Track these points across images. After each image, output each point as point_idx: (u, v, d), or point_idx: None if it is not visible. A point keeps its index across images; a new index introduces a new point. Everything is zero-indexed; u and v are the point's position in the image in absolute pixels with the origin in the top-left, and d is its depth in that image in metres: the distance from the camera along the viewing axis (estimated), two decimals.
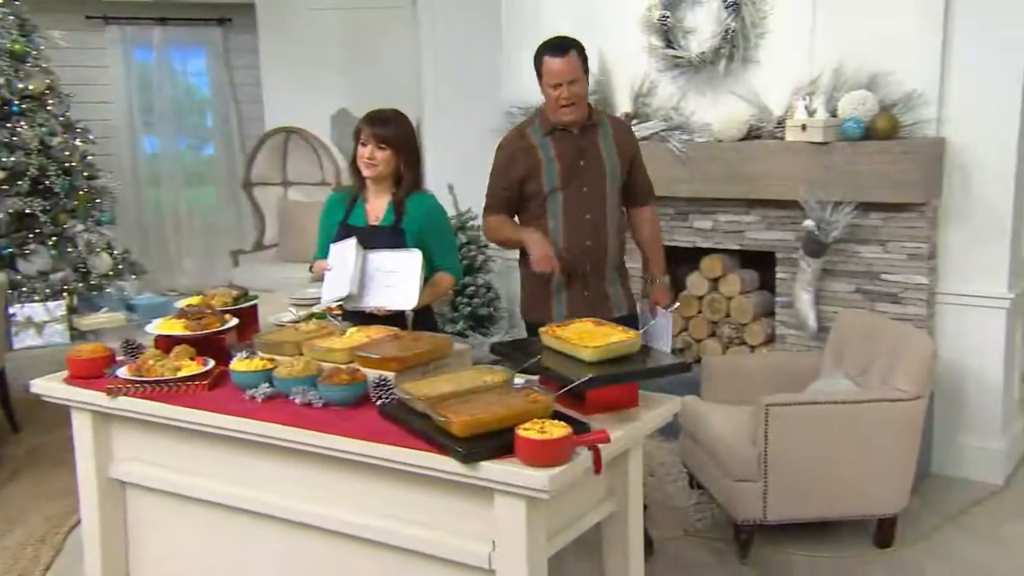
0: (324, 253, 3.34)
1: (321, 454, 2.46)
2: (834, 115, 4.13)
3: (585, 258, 3.40)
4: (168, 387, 2.73)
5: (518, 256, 3.58)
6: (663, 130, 4.55)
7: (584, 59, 3.33)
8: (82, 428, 2.91)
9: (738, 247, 4.56)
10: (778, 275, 4.46)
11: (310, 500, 2.54)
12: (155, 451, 2.83)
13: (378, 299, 3.10)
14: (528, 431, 2.16)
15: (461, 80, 5.77)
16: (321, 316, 3.53)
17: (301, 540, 2.59)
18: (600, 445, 2.22)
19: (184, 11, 8.58)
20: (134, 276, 6.49)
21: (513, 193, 3.46)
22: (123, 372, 2.81)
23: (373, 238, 3.19)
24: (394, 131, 3.22)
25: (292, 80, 7.75)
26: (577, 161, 3.37)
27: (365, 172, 3.23)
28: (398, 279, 3.09)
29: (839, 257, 4.25)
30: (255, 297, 3.31)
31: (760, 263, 4.67)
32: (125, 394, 2.75)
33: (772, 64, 4.39)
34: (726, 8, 4.40)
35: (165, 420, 2.69)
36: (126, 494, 2.97)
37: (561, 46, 3.32)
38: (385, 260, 3.14)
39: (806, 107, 4.16)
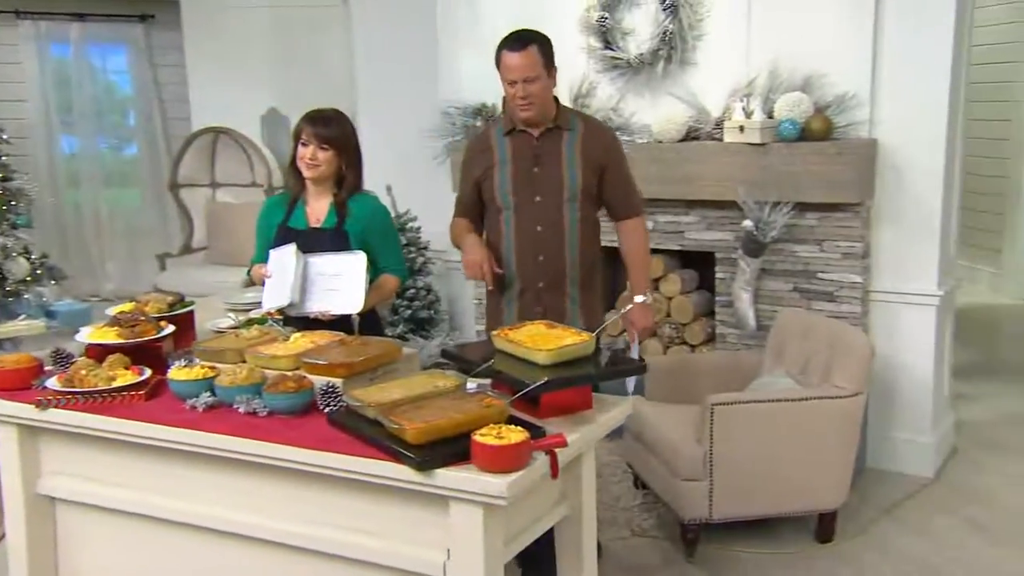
0: (262, 258, 3.25)
1: (268, 464, 2.38)
2: (770, 117, 4.18)
3: (538, 273, 3.19)
4: (102, 398, 2.62)
5: None
6: None
7: (547, 55, 3.12)
8: (7, 442, 2.78)
9: (678, 247, 4.58)
10: (717, 275, 4.49)
11: (256, 512, 2.47)
12: (88, 465, 2.72)
13: (322, 303, 3.03)
14: (485, 437, 2.12)
15: (397, 79, 5.69)
16: (261, 321, 3.43)
17: (247, 554, 2.51)
18: (556, 449, 2.20)
19: (103, 7, 8.34)
20: (53, 281, 6.26)
21: (472, 197, 3.30)
22: (53, 383, 2.69)
23: (315, 241, 3.12)
24: (336, 131, 3.15)
25: (220, 79, 7.57)
26: (531, 167, 3.16)
27: (306, 173, 3.15)
28: (342, 282, 3.03)
29: (777, 256, 4.30)
30: (191, 303, 3.20)
31: (700, 263, 4.70)
32: (56, 406, 2.63)
33: (709, 66, 4.42)
34: (664, 10, 4.42)
35: (100, 433, 2.58)
36: (55, 509, 2.85)
37: (520, 39, 3.10)
38: (328, 263, 3.07)
39: (743, 108, 4.19)
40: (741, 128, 4.17)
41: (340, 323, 3.01)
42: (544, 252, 3.19)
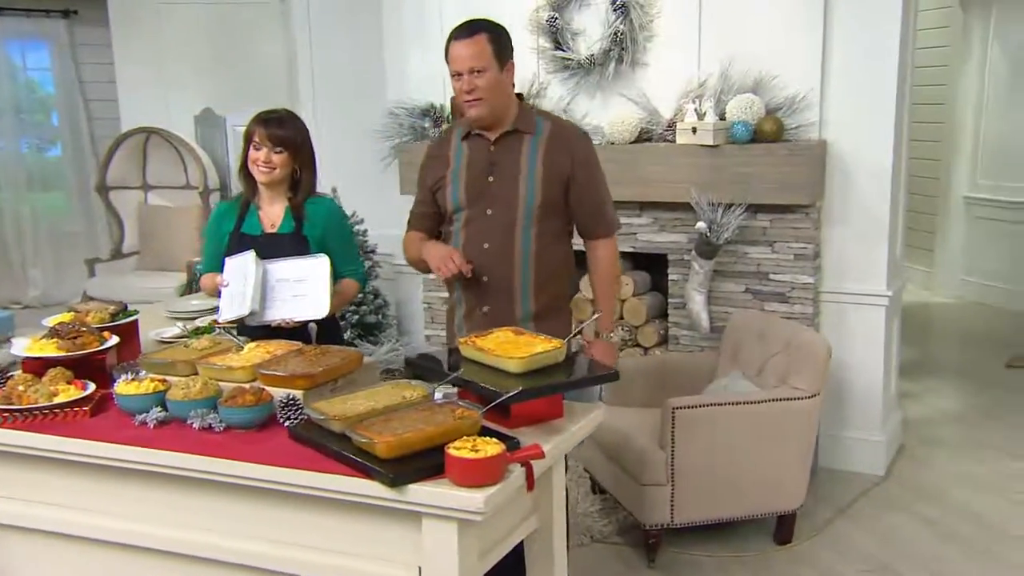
0: (213, 266, 3.13)
1: (227, 483, 2.26)
2: (722, 118, 4.17)
3: (482, 297, 2.88)
4: (44, 415, 2.47)
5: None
6: None
7: (500, 46, 2.78)
8: None
9: (631, 249, 4.55)
10: (670, 277, 4.47)
11: (215, 533, 2.33)
12: (29, 487, 2.54)
13: (285, 311, 2.91)
14: (460, 450, 2.04)
15: (341, 79, 5.58)
16: (208, 330, 3.30)
17: None
18: (532, 461, 2.13)
19: (22, 1, 8.02)
20: None
21: (429, 208, 3.01)
22: None
23: (273, 246, 3.00)
24: (290, 132, 3.04)
25: (150, 78, 7.34)
26: (485, 176, 2.85)
27: (261, 178, 3.03)
28: (306, 287, 2.91)
29: (729, 258, 4.29)
30: (135, 312, 3.05)
31: (652, 265, 4.68)
32: None
33: (660, 67, 4.40)
34: (614, 11, 4.39)
35: (43, 453, 2.42)
36: None
37: (469, 27, 2.80)
38: (290, 268, 2.95)
39: (696, 110, 4.18)
40: (694, 130, 4.15)
41: (297, 332, 2.90)
42: (489, 273, 2.85)
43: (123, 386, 2.50)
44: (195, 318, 3.60)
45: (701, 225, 4.16)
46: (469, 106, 2.81)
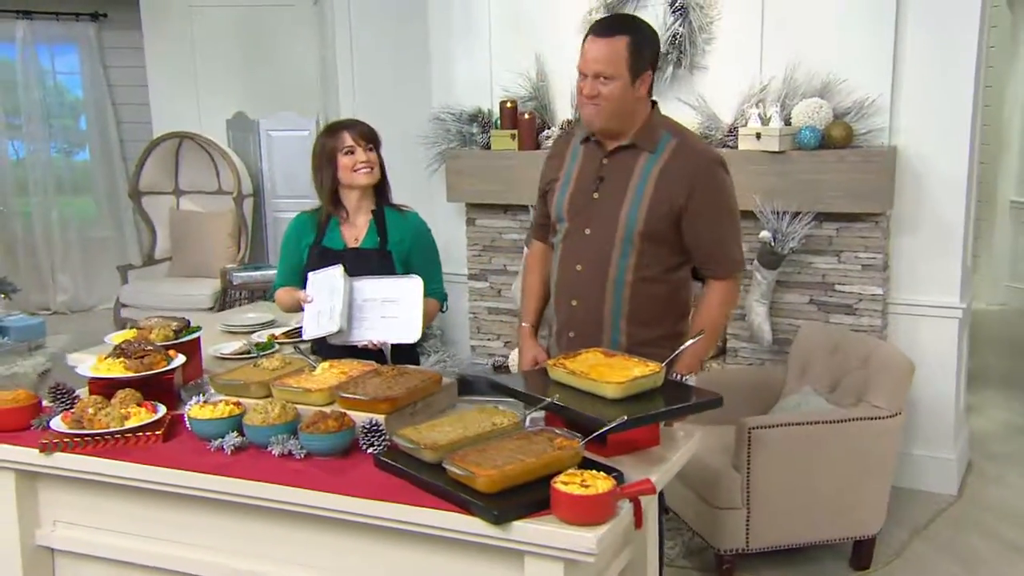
0: (289, 280, 3.02)
1: (309, 514, 2.14)
2: (787, 123, 4.03)
3: (570, 321, 2.66)
4: (116, 440, 2.36)
5: None
6: None
7: (639, 54, 2.46)
8: (2, 490, 2.48)
9: None
10: None
11: (296, 565, 2.22)
12: (97, 514, 2.43)
13: (375, 332, 2.79)
14: (569, 485, 1.91)
15: (383, 82, 5.46)
16: (268, 345, 3.20)
17: None
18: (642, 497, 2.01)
19: (52, 4, 7.95)
20: (2, 295, 5.92)
21: (545, 213, 2.79)
22: (57, 423, 2.41)
23: (358, 262, 2.88)
24: (374, 132, 2.96)
25: (181, 81, 7.28)
26: (590, 190, 2.60)
27: (364, 180, 2.92)
28: (396, 309, 2.80)
29: (792, 268, 4.15)
30: (197, 328, 2.93)
31: None
32: (63, 449, 2.35)
33: (720, 70, 4.27)
34: (673, 12, 4.26)
35: (116, 480, 2.31)
36: (55, 562, 2.56)
37: (610, 25, 2.51)
38: (381, 288, 2.83)
39: (760, 115, 4.04)
40: (758, 135, 4.01)
41: (370, 351, 2.78)
42: (578, 298, 2.64)
43: (197, 410, 2.39)
44: (252, 332, 3.49)
45: (765, 234, 4.02)
46: (587, 112, 2.54)
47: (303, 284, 2.98)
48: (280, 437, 2.28)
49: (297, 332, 3.37)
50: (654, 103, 2.63)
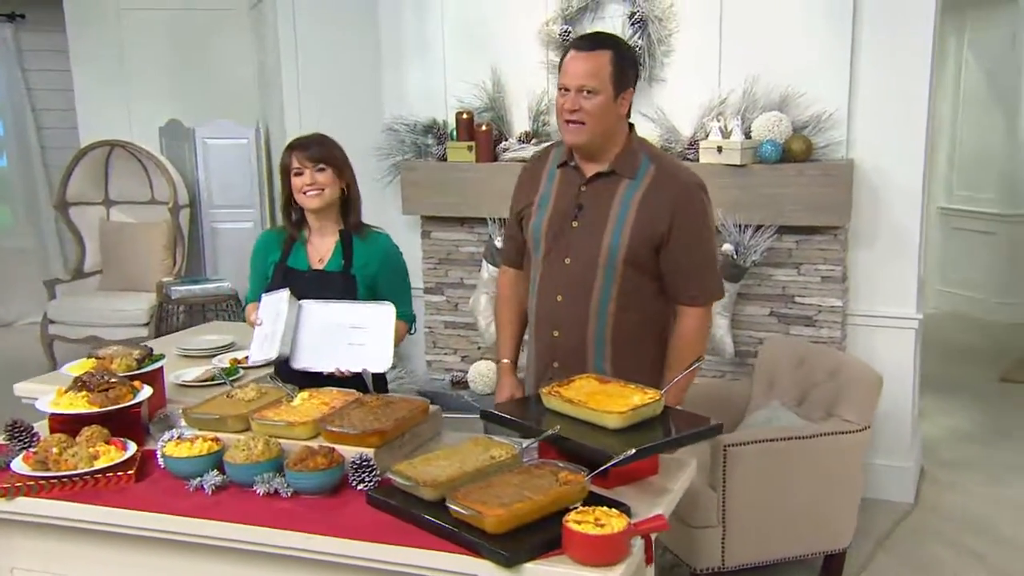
0: (257, 297, 2.89)
1: (301, 558, 2.04)
2: (748, 136, 4.03)
3: (552, 351, 2.60)
4: (85, 482, 2.21)
5: None
6: None
7: (622, 70, 2.43)
8: None
9: None
10: None
11: None
12: (63, 561, 2.28)
13: (341, 360, 2.67)
14: (582, 524, 1.85)
15: (331, 91, 5.31)
16: (232, 371, 3.07)
17: None
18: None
19: None
20: None
21: (517, 234, 2.72)
22: (19, 465, 2.26)
23: (320, 284, 2.77)
24: (328, 149, 2.84)
25: (110, 87, 7.00)
26: (569, 218, 2.53)
27: (311, 204, 2.80)
28: (365, 336, 2.68)
29: (753, 280, 4.16)
30: (160, 356, 2.79)
31: None
32: (26, 494, 2.20)
33: (679, 83, 4.25)
34: (632, 25, 4.23)
35: (88, 525, 2.17)
36: None
37: (593, 40, 2.48)
38: (351, 313, 2.72)
39: (721, 128, 4.04)
40: (719, 149, 4.01)
41: (345, 378, 2.68)
42: (560, 327, 2.58)
43: (172, 447, 2.26)
44: (212, 356, 3.35)
45: (727, 247, 4.02)
46: (568, 131, 2.47)
47: None
48: (265, 475, 2.17)
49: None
50: (631, 126, 2.59)
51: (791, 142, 3.95)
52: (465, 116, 4.50)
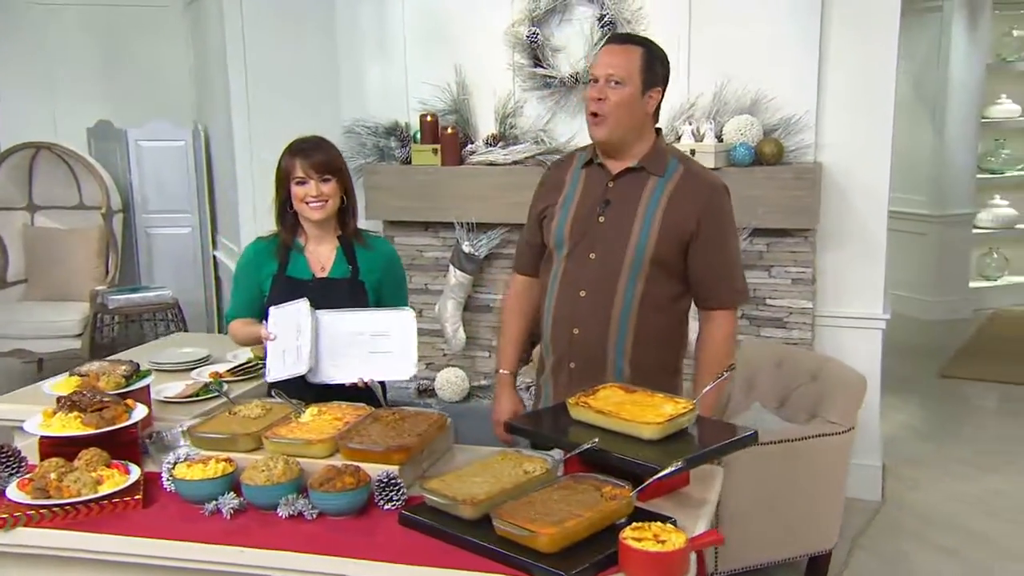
0: (244, 312, 2.75)
1: None
2: (719, 140, 4.04)
3: (570, 351, 2.53)
4: (90, 509, 2.06)
5: None
6: (539, 154, 4.25)
7: (651, 67, 2.43)
8: None
9: None
10: None
11: None
12: None
13: (366, 369, 2.56)
14: (642, 541, 1.79)
15: (282, 93, 5.13)
16: (216, 385, 2.92)
17: None
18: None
19: None
20: None
21: (535, 239, 2.64)
22: (15, 493, 2.10)
23: (326, 293, 2.64)
24: (333, 156, 2.73)
25: (32, 86, 6.69)
26: (595, 214, 2.49)
27: (315, 215, 2.67)
28: (389, 343, 2.57)
29: None
30: (148, 372, 2.63)
31: None
32: (26, 524, 2.04)
33: None
34: (601, 27, 4.19)
35: (95, 555, 2.02)
36: None
37: (626, 37, 2.55)
38: (369, 321, 2.60)
39: (694, 132, 4.04)
40: (692, 152, 3.99)
41: (350, 390, 2.57)
42: (581, 325, 2.51)
43: (184, 469, 2.12)
44: (190, 370, 3.19)
45: None
46: (593, 122, 2.44)
47: (261, 316, 2.73)
48: (289, 497, 2.06)
49: (247, 369, 3.11)
50: (658, 130, 2.56)
51: (763, 145, 3.97)
52: (429, 119, 4.40)
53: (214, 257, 6.42)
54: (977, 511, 4.18)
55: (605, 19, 4.19)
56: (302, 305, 2.56)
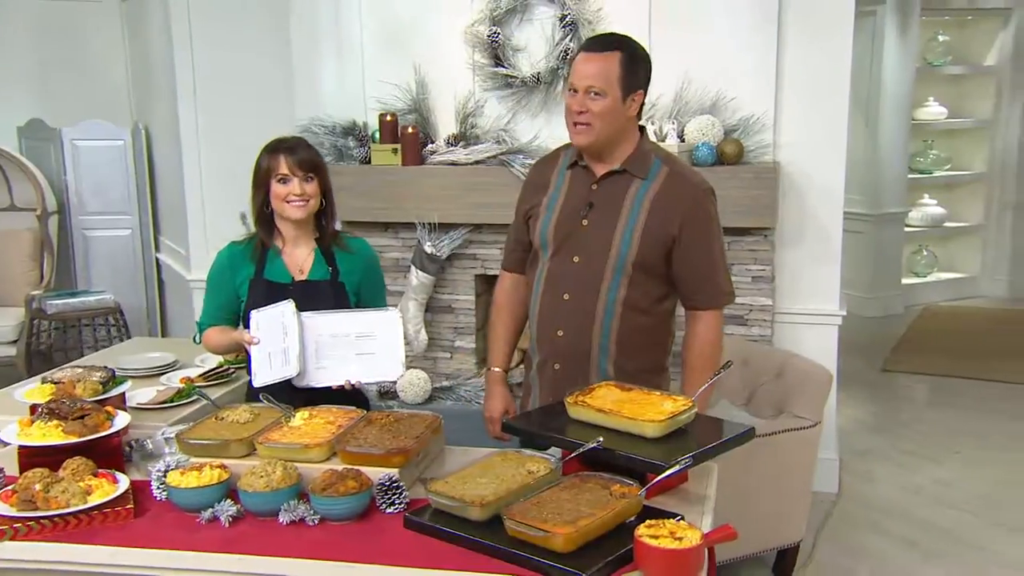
0: (219, 318, 2.67)
1: None
2: (681, 139, 4.08)
3: (554, 352, 2.55)
4: (80, 520, 1.99)
5: None
6: (501, 154, 4.23)
7: (632, 71, 2.40)
8: None
9: None
10: None
11: None
12: None
13: (351, 371, 2.52)
14: (659, 539, 1.79)
15: (233, 92, 5.01)
16: (189, 390, 2.85)
17: None
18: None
19: None
20: None
21: (523, 237, 2.65)
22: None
23: (307, 296, 2.58)
24: (315, 155, 2.67)
25: None
26: (579, 217, 2.49)
27: (297, 214, 2.61)
28: (374, 344, 2.53)
29: None
30: (124, 380, 2.55)
31: None
32: (13, 537, 1.95)
33: None
34: (563, 28, 4.20)
35: (92, 568, 1.94)
36: None
37: (604, 41, 2.47)
38: (354, 323, 2.56)
39: (656, 131, 4.07)
40: None
41: (337, 393, 2.52)
42: (564, 328, 2.52)
43: (178, 477, 2.06)
44: (159, 375, 3.10)
45: None
46: (576, 132, 2.44)
47: (237, 322, 2.68)
48: (290, 503, 2.01)
49: (220, 374, 3.03)
50: (642, 128, 2.56)
51: (724, 145, 4.02)
52: (389, 118, 4.36)
53: (157, 260, 6.25)
54: (930, 501, 4.30)
55: (567, 19, 4.20)
56: (287, 307, 2.51)
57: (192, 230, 5.21)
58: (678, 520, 1.91)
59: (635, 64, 2.43)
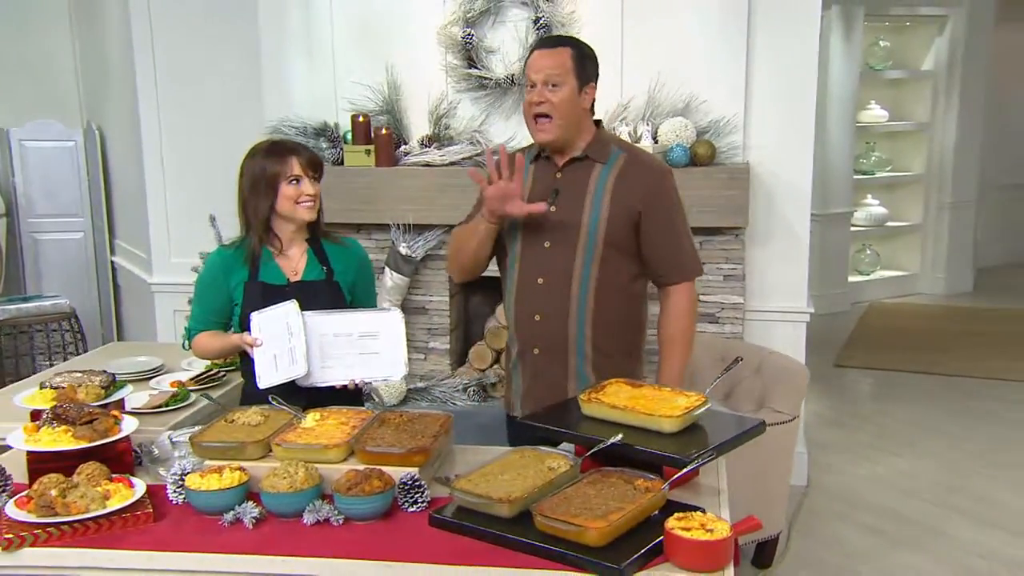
0: (209, 324, 2.65)
1: None
2: (655, 141, 4.15)
3: (533, 336, 2.61)
4: (100, 525, 1.96)
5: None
6: (476, 155, 4.25)
7: (583, 64, 2.54)
8: None
9: None
10: None
11: None
12: None
13: (355, 371, 2.52)
14: (690, 531, 1.84)
15: (197, 92, 4.94)
16: (183, 394, 2.82)
17: None
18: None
19: None
20: None
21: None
22: (15, 511, 1.97)
23: (304, 297, 2.56)
24: (320, 159, 2.66)
25: None
26: (546, 203, 2.54)
27: (308, 215, 2.61)
28: (377, 344, 2.53)
29: None
30: (124, 384, 2.50)
31: None
32: (32, 544, 1.92)
33: None
34: (536, 30, 4.23)
35: (115, 574, 1.91)
36: None
37: (554, 39, 2.69)
38: (356, 322, 2.56)
39: (630, 133, 4.13)
40: None
41: (342, 393, 2.52)
42: (541, 311, 2.58)
43: (197, 480, 2.04)
44: (148, 379, 3.05)
45: None
46: (537, 128, 2.55)
47: (228, 327, 2.66)
48: (314, 504, 2.01)
49: (210, 377, 3.00)
50: (598, 122, 2.68)
51: (697, 146, 4.10)
52: (361, 119, 4.34)
53: (112, 263, 6.11)
54: (893, 492, 4.44)
55: (540, 22, 4.22)
56: (290, 307, 2.49)
57: (154, 232, 5.10)
58: (701, 512, 1.95)
59: (585, 59, 2.57)
